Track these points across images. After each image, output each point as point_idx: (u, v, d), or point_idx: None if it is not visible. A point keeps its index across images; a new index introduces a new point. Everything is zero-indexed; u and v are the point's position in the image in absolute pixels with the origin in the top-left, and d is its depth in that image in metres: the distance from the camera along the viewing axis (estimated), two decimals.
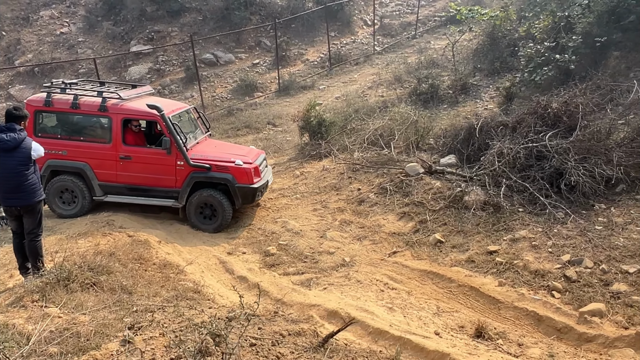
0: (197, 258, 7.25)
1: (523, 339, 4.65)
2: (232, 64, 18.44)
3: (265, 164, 8.90)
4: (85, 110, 8.14)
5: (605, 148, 7.19)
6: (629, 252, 5.68)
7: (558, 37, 11.32)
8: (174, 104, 8.98)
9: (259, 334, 3.10)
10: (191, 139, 8.45)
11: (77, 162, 8.29)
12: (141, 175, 8.24)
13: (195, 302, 5.18)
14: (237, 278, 6.71)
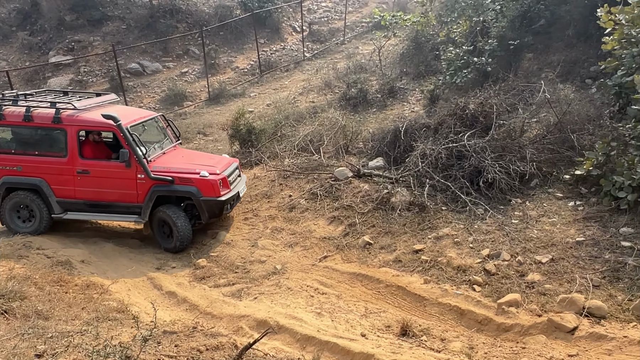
0: (123, 276, 7.01)
1: (446, 333, 4.81)
2: (159, 73, 18.01)
3: (237, 174, 8.52)
4: (38, 122, 7.67)
5: (519, 145, 7.58)
6: (542, 243, 6.01)
7: (476, 41, 11.85)
8: (137, 113, 8.59)
9: (175, 351, 3.02)
10: (156, 150, 8.06)
11: (32, 178, 7.83)
12: (101, 190, 7.78)
13: (117, 322, 4.99)
14: (165, 294, 6.54)
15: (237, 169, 8.59)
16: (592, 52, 10.53)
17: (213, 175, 7.66)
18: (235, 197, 7.99)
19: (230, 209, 7.97)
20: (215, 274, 6.93)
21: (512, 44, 11.27)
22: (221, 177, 7.74)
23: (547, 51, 11.85)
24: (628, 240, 5.64)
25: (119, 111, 8.09)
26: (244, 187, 8.59)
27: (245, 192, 8.78)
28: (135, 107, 9.69)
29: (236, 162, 8.67)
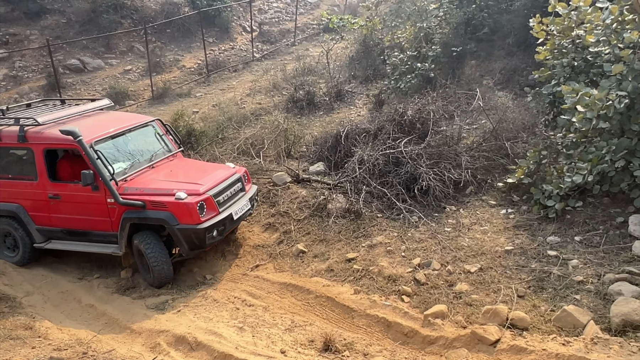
0: (39, 288, 6.57)
1: (369, 348, 4.68)
2: (101, 71, 17.30)
3: (237, 189, 7.03)
4: (6, 142, 6.86)
5: (454, 153, 7.59)
6: (472, 251, 5.99)
7: (420, 46, 11.90)
8: (120, 121, 7.32)
9: None
10: (140, 164, 6.94)
11: (9, 204, 7.02)
12: (74, 217, 6.78)
13: (20, 341, 4.61)
14: (84, 306, 6.16)
15: (239, 181, 7.16)
16: (530, 61, 10.70)
17: (192, 197, 6.27)
18: (227, 220, 6.54)
19: (219, 235, 6.49)
20: (141, 284, 6.59)
21: (455, 50, 11.39)
22: (203, 197, 6.34)
23: (489, 59, 12.03)
24: (554, 249, 5.67)
25: (103, 119, 7.24)
26: (248, 204, 7.06)
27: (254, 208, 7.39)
28: (131, 113, 8.32)
29: (238, 174, 7.19)
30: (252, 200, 7.24)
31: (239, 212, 6.83)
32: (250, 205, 7.14)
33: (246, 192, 7.24)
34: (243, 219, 7.11)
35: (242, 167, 7.56)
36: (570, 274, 5.20)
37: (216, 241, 6.56)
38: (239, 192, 7.10)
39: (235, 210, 6.74)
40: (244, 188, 7.22)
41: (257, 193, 7.58)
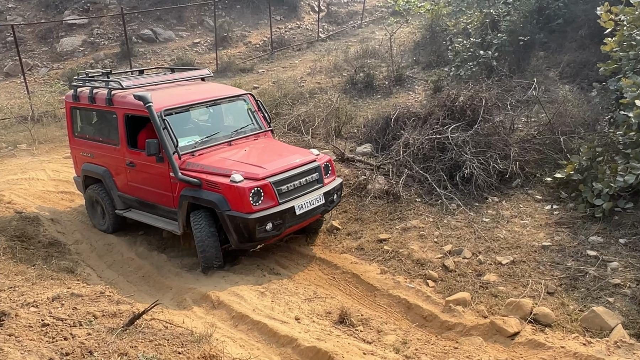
0: (88, 238, 7.02)
1: (384, 326, 4.67)
2: (171, 42, 17.97)
3: (311, 179, 6.06)
4: (99, 104, 6.75)
5: (504, 143, 7.32)
6: (507, 244, 5.80)
7: (485, 34, 11.48)
8: (205, 92, 6.81)
9: (69, 313, 2.96)
10: (217, 139, 6.43)
11: (99, 167, 7.00)
12: (145, 187, 6.53)
13: (59, 282, 4.96)
14: (125, 259, 6.52)
15: (316, 172, 6.14)
16: (601, 55, 10.11)
17: (248, 181, 5.54)
18: (287, 214, 5.66)
19: (275, 230, 5.64)
20: (180, 244, 6.86)
21: (523, 40, 10.89)
22: (260, 183, 5.56)
23: (559, 50, 11.42)
24: (595, 250, 5.39)
25: (190, 89, 6.86)
26: (321, 199, 6.03)
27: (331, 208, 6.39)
28: (226, 86, 7.76)
29: (316, 162, 6.19)
30: (329, 195, 6.20)
31: (305, 206, 5.83)
32: (324, 200, 6.07)
33: (324, 185, 6.20)
34: (313, 215, 6.06)
35: (326, 156, 6.57)
36: (608, 276, 4.93)
37: (271, 237, 5.74)
38: (313, 183, 6.09)
39: (300, 203, 5.79)
40: (321, 180, 6.17)
41: (340, 187, 6.53)
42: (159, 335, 2.81)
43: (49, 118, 12.55)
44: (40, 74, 16.24)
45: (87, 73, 7.45)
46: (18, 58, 14.09)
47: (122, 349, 2.52)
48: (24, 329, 2.60)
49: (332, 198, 6.31)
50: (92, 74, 7.30)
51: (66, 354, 2.40)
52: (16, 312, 2.74)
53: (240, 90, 7.32)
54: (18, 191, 8.17)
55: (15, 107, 12.73)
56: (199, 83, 7.39)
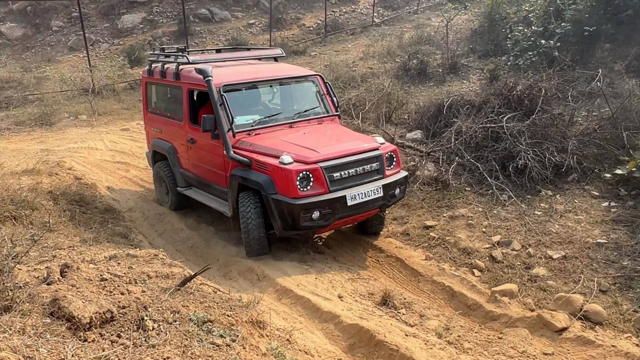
0: (141, 207, 7.28)
1: (427, 311, 4.64)
2: (227, 22, 18.20)
3: (370, 169, 5.55)
4: (169, 79, 6.71)
5: (562, 136, 7.06)
6: (559, 238, 5.62)
7: (548, 22, 11.05)
8: (272, 71, 6.57)
9: (125, 271, 3.09)
10: (276, 120, 6.15)
11: (166, 143, 6.98)
12: (201, 165, 6.44)
13: (113, 245, 5.19)
14: (175, 229, 6.72)
15: (376, 161, 5.61)
16: None
17: (297, 164, 5.17)
18: (337, 203, 5.21)
19: (322, 220, 5.20)
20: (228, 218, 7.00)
21: (588, 30, 10.40)
22: (310, 167, 5.16)
23: (627, 43, 10.85)
24: None
25: (257, 68, 6.62)
26: (379, 192, 5.49)
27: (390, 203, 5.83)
28: (295, 66, 7.44)
29: (378, 151, 5.66)
30: (390, 187, 5.64)
31: (359, 197, 5.33)
32: (382, 193, 5.52)
33: (384, 176, 5.67)
34: (369, 209, 5.53)
35: (391, 145, 6.05)
36: None
37: (318, 227, 5.31)
38: (372, 173, 5.58)
39: (353, 193, 5.31)
40: (381, 171, 5.64)
41: (404, 181, 5.95)
42: (208, 298, 2.90)
43: (108, 91, 13.02)
44: (102, 49, 16.83)
45: (162, 48, 7.47)
46: (82, 33, 14.64)
47: (174, 307, 2.62)
48: (84, 281, 2.73)
49: (394, 192, 5.71)
50: (169, 50, 7.30)
51: (123, 307, 2.51)
52: (77, 266, 2.88)
53: (309, 71, 7.00)
54: (78, 159, 8.54)
55: (78, 80, 13.26)
56: (269, 63, 7.19)
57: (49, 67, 13.56)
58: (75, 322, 2.25)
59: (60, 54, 16.73)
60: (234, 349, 2.38)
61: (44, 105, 11.85)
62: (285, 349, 2.98)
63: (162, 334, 2.38)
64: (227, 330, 2.52)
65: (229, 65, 6.71)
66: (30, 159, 8.00)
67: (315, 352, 3.49)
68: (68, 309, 2.27)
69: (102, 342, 2.19)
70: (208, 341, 2.37)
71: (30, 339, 1.91)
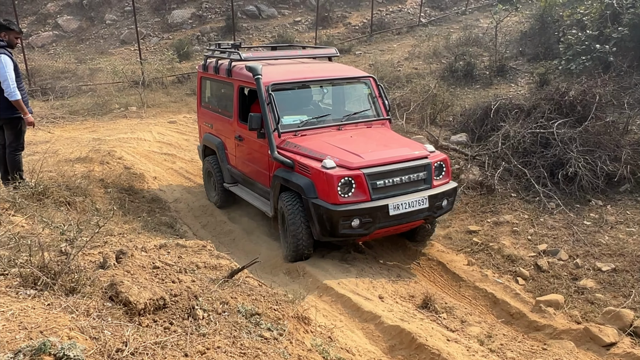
0: (186, 199, 7.45)
1: (469, 317, 4.57)
2: (273, 19, 18.36)
3: (416, 178, 5.33)
4: (221, 75, 6.73)
5: (615, 144, 6.82)
6: (609, 250, 5.45)
7: (604, 26, 10.67)
8: (324, 71, 6.48)
9: (175, 261, 3.18)
10: (324, 121, 6.03)
11: (215, 138, 7.05)
12: (247, 163, 6.42)
13: (159, 233, 5.33)
14: (218, 221, 6.86)
15: (424, 170, 5.38)
16: None
17: (339, 169, 5.03)
18: (378, 212, 5.03)
19: (362, 229, 5.05)
20: None
21: None
22: (353, 173, 5.02)
23: None
24: None
25: (310, 67, 6.54)
26: (424, 203, 5.25)
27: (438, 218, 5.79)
28: (348, 66, 7.24)
29: (426, 160, 5.42)
30: (437, 199, 5.39)
31: (402, 207, 5.12)
32: (428, 204, 5.28)
33: (432, 187, 5.42)
34: (413, 220, 5.32)
35: (441, 154, 5.79)
36: None
37: (357, 235, 5.17)
38: (418, 183, 5.35)
39: (396, 203, 5.09)
40: (429, 180, 5.40)
41: (453, 193, 5.68)
42: (255, 292, 2.95)
43: (157, 84, 13.36)
44: (152, 43, 17.27)
45: (219, 44, 7.46)
46: (134, 27, 15.07)
47: (223, 298, 2.68)
48: (138, 268, 2.83)
49: (441, 203, 5.46)
50: (223, 46, 7.33)
51: (174, 295, 2.59)
52: (132, 253, 2.99)
53: (362, 72, 6.80)
54: (127, 149, 8.81)
55: (129, 72, 13.66)
56: (322, 62, 7.07)
57: (102, 59, 14.04)
58: (131, 307, 2.33)
59: (113, 46, 17.27)
60: (282, 342, 2.42)
61: (97, 95, 12.28)
62: (329, 346, 3.00)
63: (211, 323, 2.44)
64: (274, 324, 2.57)
65: (280, 63, 6.67)
66: (84, 147, 8.32)
67: (356, 351, 3.50)
68: (125, 294, 2.36)
69: (156, 328, 2.26)
70: (256, 333, 2.42)
71: (95, 320, 2.01)
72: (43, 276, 2.17)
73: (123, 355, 1.80)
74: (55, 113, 11.17)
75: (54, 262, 2.33)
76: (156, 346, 1.98)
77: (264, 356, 2.20)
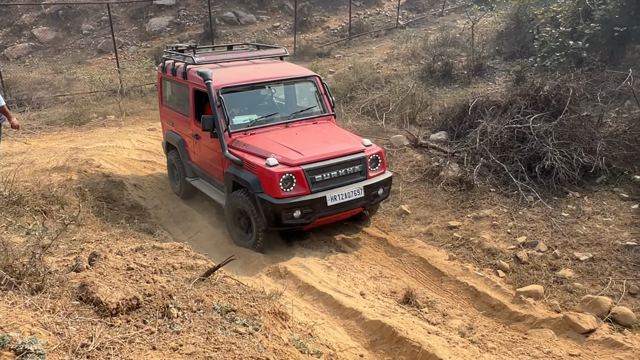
0: (166, 204, 7.39)
1: (450, 310, 4.60)
2: (252, 25, 18.37)
3: (352, 171, 5.86)
4: (178, 77, 7.07)
5: (590, 137, 6.93)
6: (587, 240, 5.52)
7: (576, 23, 10.86)
8: (272, 72, 6.80)
9: (151, 262, 3.15)
10: (272, 120, 6.43)
11: (176, 136, 7.46)
12: (204, 159, 6.86)
13: (139, 239, 5.28)
14: (199, 226, 6.80)
15: (359, 163, 5.91)
16: None
17: (281, 166, 5.50)
18: (317, 203, 5.55)
19: (304, 219, 5.55)
20: None
21: (618, 30, 10.19)
22: (293, 170, 5.49)
23: None
24: None
25: (258, 68, 6.85)
26: (360, 192, 5.80)
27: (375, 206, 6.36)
28: (296, 66, 7.59)
29: (362, 154, 5.94)
30: (372, 188, 5.94)
31: (339, 198, 5.67)
32: (363, 194, 5.84)
33: (367, 177, 5.96)
34: (351, 208, 5.88)
35: (377, 147, 6.26)
36: None
37: (300, 225, 5.64)
38: (354, 175, 5.89)
39: (333, 194, 5.64)
40: (364, 172, 5.93)
41: (387, 182, 6.21)
42: (232, 290, 2.93)
43: (135, 92, 13.26)
44: (130, 52, 17.16)
45: (176, 47, 7.80)
46: (111, 36, 14.96)
47: (198, 296, 2.66)
48: (111, 269, 2.80)
49: (377, 192, 6.01)
50: (180, 48, 7.67)
51: (148, 295, 2.56)
52: (105, 255, 2.95)
53: (308, 71, 7.14)
54: (106, 157, 8.72)
55: (107, 81, 13.54)
56: (273, 62, 7.32)
57: (79, 69, 13.88)
58: (102, 307, 2.30)
59: (90, 56, 17.12)
60: (257, 337, 2.41)
61: (74, 105, 12.12)
62: (307, 341, 3.00)
63: (186, 321, 2.42)
64: (249, 320, 2.55)
65: (232, 65, 6.97)
66: (60, 156, 8.20)
67: (337, 347, 3.50)
68: (96, 294, 2.33)
69: (129, 327, 2.24)
70: (231, 329, 2.40)
71: (60, 317, 1.97)
72: (7, 275, 2.13)
73: (88, 350, 1.77)
74: (31, 124, 11.01)
75: (19, 263, 2.29)
76: (123, 341, 1.96)
77: (237, 350, 2.18)
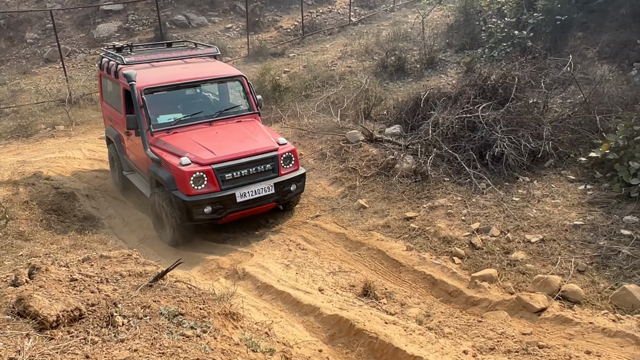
0: (120, 213, 7.22)
1: (408, 299, 4.66)
2: (204, 27, 18.11)
3: (263, 169, 6.18)
4: (112, 76, 7.30)
5: (537, 122, 7.14)
6: (537, 223, 5.68)
7: (521, 13, 11.18)
8: (198, 72, 7.03)
9: (97, 272, 3.06)
10: (196, 118, 6.65)
11: (113, 131, 7.65)
12: (134, 155, 7.06)
13: (90, 251, 5.12)
14: (156, 235, 6.66)
15: (271, 162, 6.23)
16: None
17: (193, 165, 5.80)
18: (227, 200, 5.88)
19: (215, 214, 5.91)
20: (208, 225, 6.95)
21: (560, 19, 10.55)
22: (204, 169, 5.79)
23: (598, 30, 11.01)
24: (629, 229, 5.22)
25: (185, 68, 7.07)
26: (270, 189, 6.16)
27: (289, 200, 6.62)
28: (224, 65, 7.79)
29: (273, 152, 6.26)
30: (283, 185, 6.30)
31: (249, 195, 6.01)
32: (274, 190, 6.19)
33: (279, 175, 6.30)
34: (263, 204, 6.20)
35: (290, 146, 6.56)
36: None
37: (212, 220, 5.99)
38: (265, 173, 6.20)
39: (243, 191, 5.97)
40: (276, 170, 6.26)
41: (300, 179, 6.56)
42: (182, 293, 2.88)
43: (85, 101, 12.89)
44: (78, 59, 16.66)
45: (114, 45, 7.86)
46: (57, 44, 14.48)
47: (145, 302, 2.60)
48: (53, 282, 2.70)
49: (289, 188, 6.40)
50: (118, 46, 7.77)
51: (92, 305, 2.48)
52: (46, 267, 2.85)
53: (235, 71, 7.34)
54: (55, 169, 8.44)
55: (54, 91, 13.09)
56: (204, 61, 7.51)
57: (23, 80, 13.38)
58: (41, 321, 2.22)
59: (36, 66, 16.52)
60: (204, 339, 2.37)
61: (20, 117, 11.68)
62: (261, 339, 2.97)
63: (131, 328, 2.36)
64: (198, 322, 2.52)
65: (162, 65, 7.14)
66: (6, 171, 7.90)
67: (295, 344, 3.48)
68: (34, 308, 2.24)
69: (68, 339, 2.16)
70: (178, 333, 2.36)
71: None
72: None
73: None
74: None
75: None
76: (55, 352, 1.89)
77: (183, 353, 2.14)
